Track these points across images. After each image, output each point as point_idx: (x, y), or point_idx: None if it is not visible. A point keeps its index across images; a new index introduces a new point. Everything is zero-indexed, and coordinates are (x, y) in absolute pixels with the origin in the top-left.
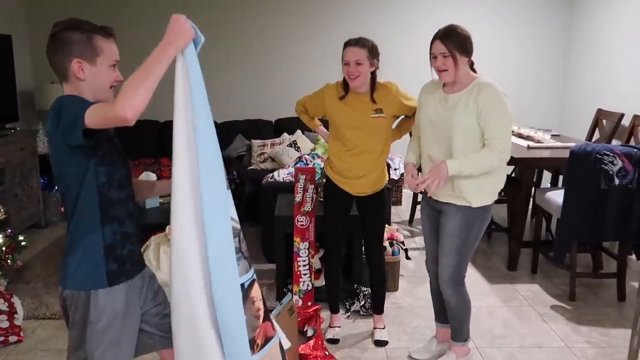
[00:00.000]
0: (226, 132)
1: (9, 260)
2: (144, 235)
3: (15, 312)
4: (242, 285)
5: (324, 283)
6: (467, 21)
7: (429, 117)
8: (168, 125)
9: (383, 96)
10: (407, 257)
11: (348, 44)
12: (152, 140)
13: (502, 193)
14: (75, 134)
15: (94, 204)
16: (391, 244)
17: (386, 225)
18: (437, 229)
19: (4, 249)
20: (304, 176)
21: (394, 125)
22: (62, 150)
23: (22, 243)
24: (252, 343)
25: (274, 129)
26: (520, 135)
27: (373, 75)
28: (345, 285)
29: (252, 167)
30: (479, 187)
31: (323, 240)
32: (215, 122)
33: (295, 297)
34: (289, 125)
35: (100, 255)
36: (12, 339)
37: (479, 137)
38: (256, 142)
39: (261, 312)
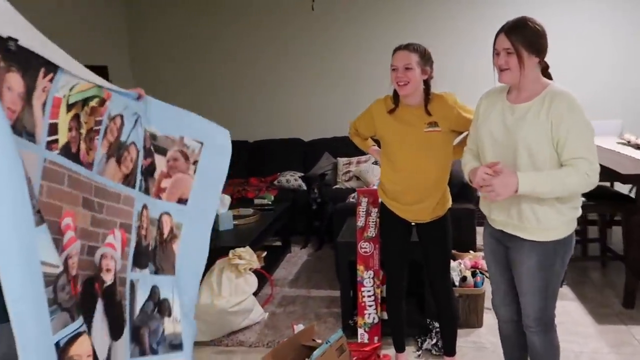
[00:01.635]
0: (313, 150)
1: None
2: (212, 258)
3: None
4: (57, 344)
5: None
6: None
7: (489, 130)
8: (258, 146)
9: (438, 108)
10: None
11: (397, 48)
12: (242, 160)
13: (612, 215)
14: None
15: None
16: (474, 274)
17: (470, 252)
18: (505, 266)
19: None
20: (366, 199)
21: (455, 142)
22: None
23: None
24: None
25: None
26: (638, 146)
27: (427, 84)
28: (418, 319)
29: (337, 186)
30: (555, 214)
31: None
32: (301, 140)
33: (361, 331)
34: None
35: None
36: None
37: (549, 158)
38: (342, 160)
39: None
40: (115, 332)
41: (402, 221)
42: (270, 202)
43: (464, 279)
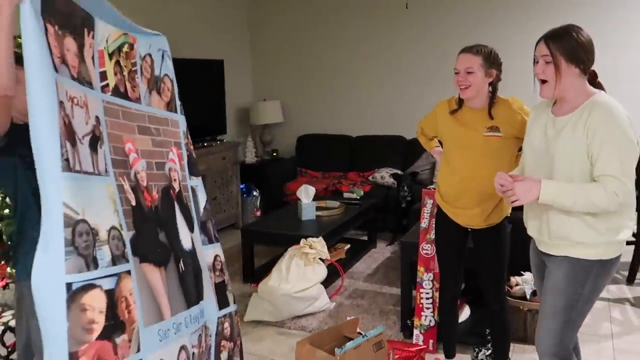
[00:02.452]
0: (414, 149)
1: None
2: (288, 245)
3: None
4: (69, 285)
5: (458, 321)
6: None
7: (530, 141)
8: (360, 141)
9: (502, 112)
10: None
11: (461, 51)
12: (343, 154)
13: None
14: None
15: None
16: None
17: None
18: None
19: None
20: (431, 200)
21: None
22: None
23: None
24: (72, 358)
25: None
26: None
27: (493, 87)
28: (480, 328)
29: (432, 186)
30: (586, 229)
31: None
32: (403, 138)
33: (416, 332)
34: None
35: None
36: None
37: (585, 173)
38: None
39: (96, 327)
40: (190, 225)
41: (456, 225)
42: (358, 197)
43: (534, 293)
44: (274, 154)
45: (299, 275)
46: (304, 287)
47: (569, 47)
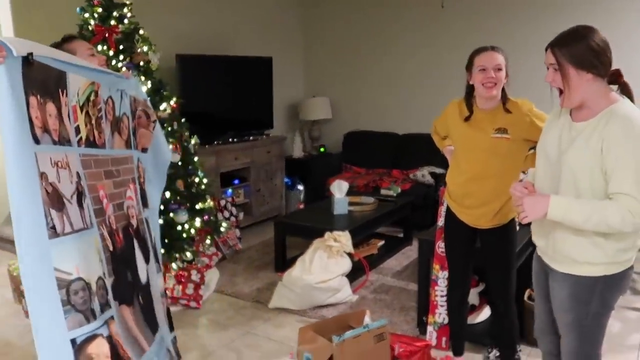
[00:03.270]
0: None
1: (207, 240)
2: (317, 238)
3: (203, 284)
4: (73, 340)
5: (476, 321)
6: None
7: (544, 146)
8: (406, 139)
9: (512, 114)
10: None
11: (482, 49)
12: (388, 151)
13: None
14: None
15: None
16: None
17: None
18: (546, 294)
19: (192, 230)
20: None
21: (531, 151)
22: None
23: (222, 228)
24: None
25: None
26: None
27: (503, 88)
28: (496, 329)
29: None
30: (594, 249)
31: (481, 272)
32: None
33: (430, 329)
34: None
35: None
36: (192, 304)
37: (594, 187)
38: None
39: None
40: (146, 258)
41: (465, 224)
42: (395, 194)
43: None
44: (321, 149)
45: (322, 267)
46: (325, 278)
47: (577, 53)
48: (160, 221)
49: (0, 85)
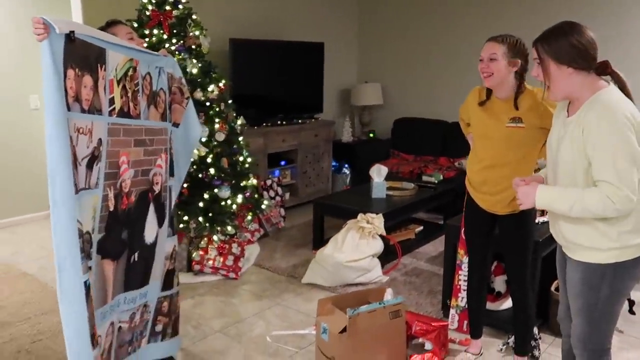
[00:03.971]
0: None
1: (248, 216)
2: (349, 219)
3: (242, 256)
4: (85, 282)
5: (501, 308)
6: None
7: (549, 140)
8: (454, 127)
9: (526, 103)
10: (631, 311)
11: (488, 39)
12: (436, 139)
13: None
14: None
15: None
16: None
17: None
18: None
19: (234, 206)
20: None
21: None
22: None
23: (262, 206)
24: (93, 338)
25: None
26: None
27: (521, 77)
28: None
29: None
30: (598, 236)
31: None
32: None
33: (452, 312)
34: None
35: None
36: (231, 275)
37: (587, 178)
38: None
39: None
40: (160, 222)
41: (483, 211)
42: (436, 181)
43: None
44: (371, 134)
45: (353, 247)
46: (356, 257)
47: (556, 49)
48: (206, 196)
49: (44, 58)
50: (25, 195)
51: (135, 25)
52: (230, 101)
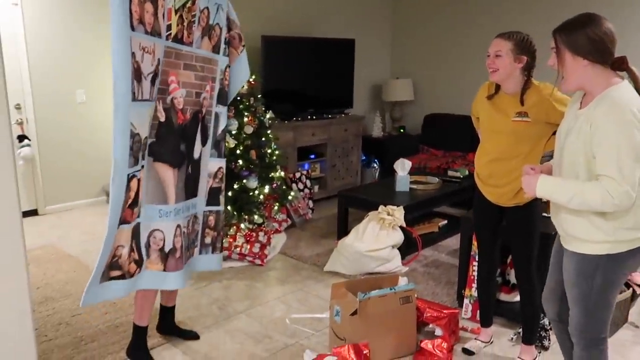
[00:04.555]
0: None
1: (275, 207)
2: (368, 210)
3: (269, 244)
4: (128, 175)
5: (514, 300)
6: None
7: (559, 132)
8: None
9: (532, 98)
10: None
11: (496, 36)
12: (465, 135)
13: None
14: None
15: None
16: None
17: None
18: (559, 266)
19: (261, 196)
20: None
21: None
22: None
23: (289, 197)
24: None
25: None
26: None
27: (529, 74)
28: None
29: None
30: (594, 230)
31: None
32: None
33: (466, 302)
34: None
35: None
36: (257, 261)
37: (591, 173)
38: None
39: (130, 200)
40: (203, 141)
41: (490, 203)
42: (461, 176)
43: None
44: (401, 130)
45: (373, 237)
46: (376, 247)
47: (574, 40)
48: (235, 186)
49: None
50: (71, 184)
51: None
52: (259, 96)
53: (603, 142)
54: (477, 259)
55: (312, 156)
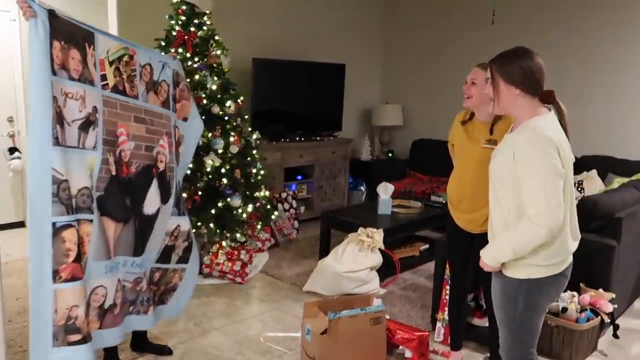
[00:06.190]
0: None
1: (258, 225)
2: (350, 231)
3: (250, 263)
4: (54, 223)
5: (486, 324)
6: None
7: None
8: None
9: (503, 128)
10: (615, 335)
11: (475, 65)
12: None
13: None
14: None
15: None
16: (583, 309)
17: (600, 290)
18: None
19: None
20: None
21: None
22: None
23: (272, 216)
24: (55, 274)
25: None
26: None
27: None
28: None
29: None
30: (519, 257)
31: None
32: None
33: (438, 325)
34: None
35: None
36: (237, 279)
37: (515, 195)
38: None
39: (71, 254)
40: (164, 198)
41: (461, 229)
42: (443, 202)
43: (564, 309)
44: (389, 154)
45: (351, 258)
46: (353, 268)
47: (508, 70)
48: (219, 204)
49: (31, 32)
50: None
51: (163, 44)
52: (246, 117)
53: (527, 174)
54: (449, 283)
55: (299, 177)
